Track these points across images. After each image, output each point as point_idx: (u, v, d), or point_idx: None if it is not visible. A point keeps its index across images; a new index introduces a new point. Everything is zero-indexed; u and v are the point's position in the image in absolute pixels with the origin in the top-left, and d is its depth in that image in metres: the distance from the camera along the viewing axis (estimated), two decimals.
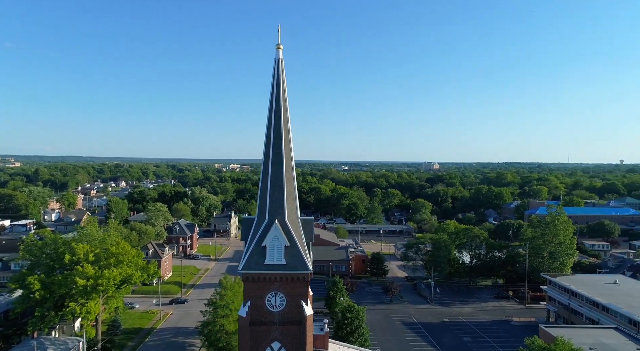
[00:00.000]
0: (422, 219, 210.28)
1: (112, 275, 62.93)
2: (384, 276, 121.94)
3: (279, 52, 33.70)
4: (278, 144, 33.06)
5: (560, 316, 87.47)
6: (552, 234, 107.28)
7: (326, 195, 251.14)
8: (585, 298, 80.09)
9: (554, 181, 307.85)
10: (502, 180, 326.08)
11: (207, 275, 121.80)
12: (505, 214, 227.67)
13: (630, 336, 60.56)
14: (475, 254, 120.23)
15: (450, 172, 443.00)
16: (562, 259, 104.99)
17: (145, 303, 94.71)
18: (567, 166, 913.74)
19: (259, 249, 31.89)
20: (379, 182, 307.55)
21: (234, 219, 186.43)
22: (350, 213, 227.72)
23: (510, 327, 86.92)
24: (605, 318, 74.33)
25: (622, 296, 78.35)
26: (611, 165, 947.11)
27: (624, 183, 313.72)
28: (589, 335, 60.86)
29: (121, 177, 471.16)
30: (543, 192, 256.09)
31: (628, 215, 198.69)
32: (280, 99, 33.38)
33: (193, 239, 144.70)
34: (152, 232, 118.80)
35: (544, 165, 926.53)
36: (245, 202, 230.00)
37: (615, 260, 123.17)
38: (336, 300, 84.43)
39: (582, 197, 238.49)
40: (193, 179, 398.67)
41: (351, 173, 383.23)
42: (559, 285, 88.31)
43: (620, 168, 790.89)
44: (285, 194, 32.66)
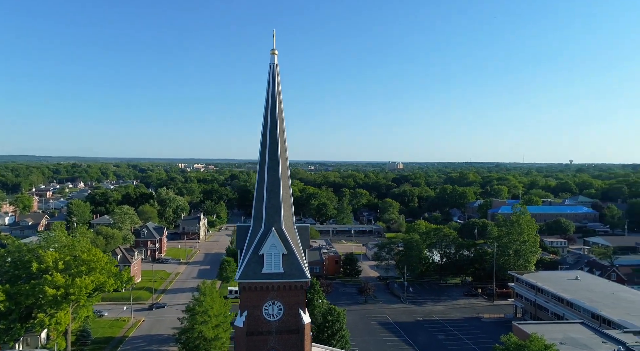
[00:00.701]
0: (391, 219, 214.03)
1: (84, 283, 60.25)
2: (357, 276, 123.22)
3: (274, 58, 33.40)
4: (274, 151, 32.76)
5: (527, 312, 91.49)
6: (517, 233, 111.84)
7: (295, 196, 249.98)
8: (551, 294, 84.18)
9: (512, 181, 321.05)
10: (465, 179, 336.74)
11: (178, 279, 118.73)
12: (469, 213, 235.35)
13: (595, 330, 64.11)
14: (445, 253, 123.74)
15: (415, 172, 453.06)
16: (527, 256, 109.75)
17: (114, 311, 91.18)
18: (522, 166, 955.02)
19: (255, 258, 31.48)
20: (347, 182, 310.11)
21: (203, 221, 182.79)
22: (320, 213, 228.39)
23: (481, 324, 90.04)
24: (570, 312, 78.45)
25: (584, 292, 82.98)
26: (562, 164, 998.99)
27: (575, 182, 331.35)
28: (558, 330, 63.92)
29: (79, 178, 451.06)
30: (503, 191, 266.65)
31: (581, 213, 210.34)
32: (275, 106, 33.08)
33: (162, 242, 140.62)
34: (119, 236, 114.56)
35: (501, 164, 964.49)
36: (213, 203, 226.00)
37: (573, 256, 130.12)
38: (314, 303, 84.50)
39: (539, 196, 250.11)
40: (157, 180, 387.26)
41: (319, 173, 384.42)
42: (526, 282, 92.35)
43: (570, 167, 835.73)
44: (281, 201, 32.42)
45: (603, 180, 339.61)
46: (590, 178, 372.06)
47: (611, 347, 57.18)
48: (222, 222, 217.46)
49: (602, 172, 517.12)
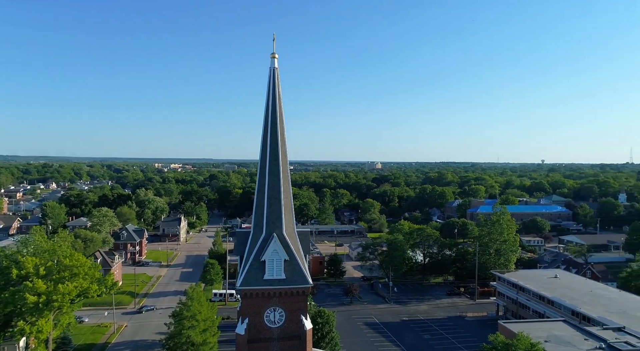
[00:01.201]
0: (372, 219, 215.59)
1: (67, 289, 58.37)
2: (341, 277, 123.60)
3: (274, 61, 33.05)
4: (275, 155, 32.44)
5: (509, 310, 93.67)
6: (498, 232, 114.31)
7: None
8: (532, 292, 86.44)
9: (489, 180, 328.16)
10: (443, 179, 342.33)
11: (159, 282, 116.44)
12: (448, 212, 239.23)
13: (577, 327, 66.14)
14: (428, 253, 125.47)
15: (394, 172, 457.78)
16: (507, 256, 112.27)
17: (95, 316, 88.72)
18: (497, 165, 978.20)
19: (257, 264, 31.10)
20: (328, 182, 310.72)
21: (184, 222, 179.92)
22: (302, 214, 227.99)
23: (465, 323, 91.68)
24: (551, 310, 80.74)
25: (564, 290, 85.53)
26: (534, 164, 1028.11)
27: (548, 182, 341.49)
28: (542, 328, 65.66)
29: (51, 178, 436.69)
30: (481, 191, 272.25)
31: (556, 212, 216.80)
32: (276, 110, 32.75)
33: (142, 245, 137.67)
34: (98, 239, 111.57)
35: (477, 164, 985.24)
36: (193, 204, 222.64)
37: (550, 254, 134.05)
38: None
39: (514, 196, 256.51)
40: (133, 180, 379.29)
41: (300, 174, 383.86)
42: (508, 281, 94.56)
43: (542, 167, 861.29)
44: (282, 206, 32.11)
45: (574, 180, 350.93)
46: (562, 178, 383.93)
47: (593, 344, 59.14)
48: (203, 223, 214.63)
49: (573, 172, 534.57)
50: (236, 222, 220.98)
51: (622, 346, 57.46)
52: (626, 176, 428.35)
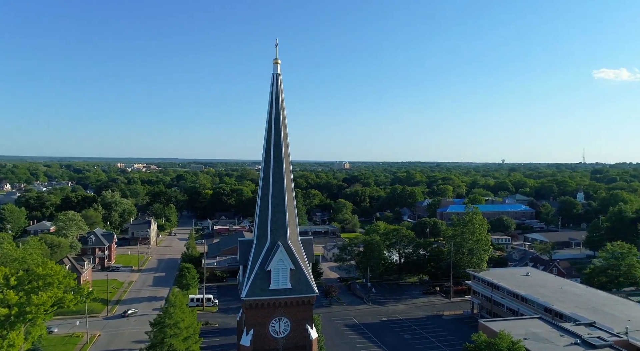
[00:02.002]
0: (345, 219, 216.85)
1: (41, 300, 55.36)
2: (319, 278, 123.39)
3: (277, 67, 32.53)
4: (279, 163, 31.97)
5: (483, 308, 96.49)
6: (470, 232, 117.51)
7: (248, 197, 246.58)
8: (506, 290, 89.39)
9: (456, 180, 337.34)
10: (412, 179, 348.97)
11: (131, 288, 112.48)
12: (418, 212, 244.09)
13: (552, 324, 68.92)
14: (403, 253, 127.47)
15: (364, 172, 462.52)
16: (480, 255, 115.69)
17: (65, 326, 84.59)
18: (461, 165, 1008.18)
19: (262, 274, 30.55)
20: (299, 182, 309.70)
21: (154, 225, 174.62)
22: None
23: (442, 321, 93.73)
24: (524, 307, 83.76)
25: (536, 287, 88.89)
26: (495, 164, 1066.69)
27: (511, 181, 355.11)
28: (520, 326, 67.93)
29: (5, 179, 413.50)
30: (449, 190, 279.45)
31: (520, 210, 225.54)
32: (280, 117, 32.29)
33: (111, 249, 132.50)
34: (66, 244, 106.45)
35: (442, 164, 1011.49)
36: (161, 206, 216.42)
37: (519, 252, 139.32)
38: None
39: (480, 195, 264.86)
40: (95, 181, 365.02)
41: None
42: (483, 280, 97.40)
43: (503, 167, 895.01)
44: (287, 215, 31.71)
45: (535, 180, 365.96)
46: (523, 177, 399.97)
47: (569, 340, 61.76)
48: (173, 226, 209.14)
49: (532, 172, 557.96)
50: (207, 224, 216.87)
51: (595, 342, 60.32)
52: (581, 175, 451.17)
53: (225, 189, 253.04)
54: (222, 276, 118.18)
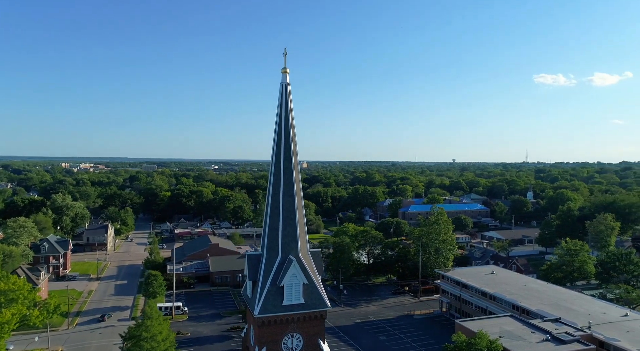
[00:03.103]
0: (308, 220, 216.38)
1: (5, 318, 50.96)
2: None
3: (286, 77, 31.73)
4: (289, 175, 31.22)
5: (452, 307, 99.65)
6: (436, 232, 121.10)
7: (208, 199, 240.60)
8: (475, 289, 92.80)
9: (414, 180, 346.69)
10: (371, 179, 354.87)
11: (92, 298, 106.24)
12: (379, 212, 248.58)
13: (523, 321, 72.23)
14: (372, 254, 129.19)
15: (324, 172, 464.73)
16: (446, 254, 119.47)
17: (22, 342, 78.20)
18: (414, 164, 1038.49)
19: (274, 289, 29.72)
20: (260, 182, 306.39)
21: (111, 230, 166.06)
22: (236, 216, 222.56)
23: (414, 321, 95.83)
24: (493, 305, 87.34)
25: (502, 285, 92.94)
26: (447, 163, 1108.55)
27: (464, 181, 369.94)
28: (493, 324, 70.69)
29: None
30: (408, 190, 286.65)
31: (476, 209, 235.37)
32: (289, 128, 31.53)
33: (67, 257, 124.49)
34: (17, 253, 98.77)
35: (396, 163, 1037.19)
36: (117, 209, 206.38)
37: (479, 251, 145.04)
38: None
39: (437, 194, 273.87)
40: (40, 182, 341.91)
41: (230, 175, 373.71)
42: (451, 279, 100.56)
43: (454, 166, 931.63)
44: (298, 228, 31.04)
45: (486, 179, 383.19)
46: (475, 177, 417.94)
47: (540, 337, 65.01)
48: (130, 229, 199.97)
49: (482, 171, 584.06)
50: (167, 227, 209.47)
51: (564, 337, 63.92)
52: (526, 174, 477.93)
53: (184, 190, 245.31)
54: (190, 282, 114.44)
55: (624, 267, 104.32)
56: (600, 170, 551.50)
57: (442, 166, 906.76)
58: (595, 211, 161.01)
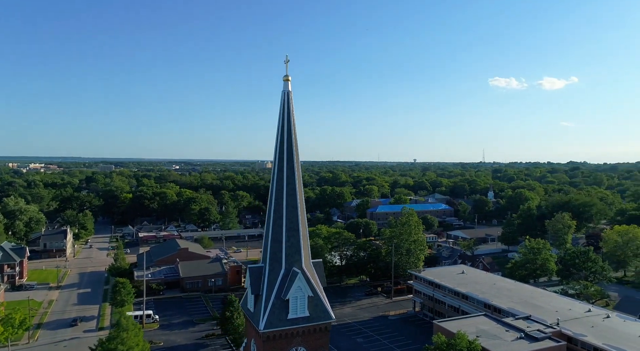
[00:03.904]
0: None
1: None
2: None
3: (288, 84, 30.96)
4: (292, 186, 30.44)
5: (425, 306, 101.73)
6: (408, 233, 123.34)
7: (172, 200, 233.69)
8: (448, 289, 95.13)
9: (379, 180, 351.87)
10: (338, 179, 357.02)
11: (53, 309, 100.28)
12: (347, 212, 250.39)
13: (497, 320, 74.64)
14: (344, 255, 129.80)
15: None
16: (417, 254, 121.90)
17: None
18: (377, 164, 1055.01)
19: (279, 303, 28.90)
20: (226, 183, 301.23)
21: (70, 235, 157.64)
22: (203, 218, 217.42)
23: (389, 322, 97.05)
24: (465, 304, 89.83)
25: (473, 284, 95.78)
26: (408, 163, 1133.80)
27: (427, 180, 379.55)
28: (469, 324, 72.60)
29: None
30: (374, 190, 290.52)
31: (441, 209, 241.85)
32: (292, 137, 30.78)
33: (23, 265, 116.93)
34: None
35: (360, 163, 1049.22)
36: (75, 213, 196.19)
37: (447, 250, 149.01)
38: (234, 321, 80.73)
39: (403, 194, 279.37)
40: None
41: (194, 176, 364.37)
42: (424, 279, 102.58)
43: (416, 166, 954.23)
44: (301, 239, 30.35)
45: (448, 179, 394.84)
46: (437, 177, 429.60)
47: (514, 335, 67.38)
48: (89, 234, 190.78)
49: (443, 171, 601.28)
50: (129, 230, 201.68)
51: (536, 334, 66.60)
52: (484, 174, 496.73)
53: (147, 192, 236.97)
54: (159, 289, 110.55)
55: (583, 264, 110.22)
56: (552, 170, 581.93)
57: (404, 166, 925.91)
58: (553, 210, 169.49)
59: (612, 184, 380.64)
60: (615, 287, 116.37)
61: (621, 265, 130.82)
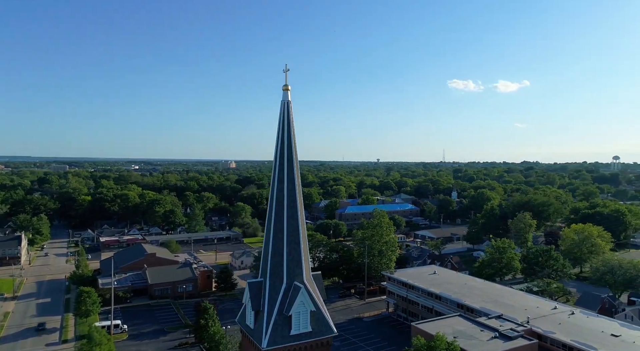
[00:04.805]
0: (245, 223, 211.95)
1: None
2: (232, 290, 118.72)
3: (287, 94, 30.18)
4: (292, 198, 29.71)
5: (399, 307, 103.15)
6: (379, 234, 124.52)
7: (134, 203, 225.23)
8: (421, 289, 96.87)
9: (345, 180, 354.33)
10: (305, 180, 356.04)
11: (9, 322, 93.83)
12: (315, 213, 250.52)
13: (471, 320, 76.64)
14: (317, 257, 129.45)
15: (254, 172, 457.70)
16: (389, 255, 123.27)
17: None
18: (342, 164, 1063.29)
19: (281, 319, 28.14)
20: (190, 184, 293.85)
21: (25, 241, 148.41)
22: (168, 221, 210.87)
23: (364, 324, 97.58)
24: (439, 304, 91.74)
25: (445, 284, 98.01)
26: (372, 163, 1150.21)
27: (393, 181, 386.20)
28: (446, 325, 74.14)
29: None
30: (342, 191, 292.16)
31: (408, 209, 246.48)
32: (292, 149, 30.06)
33: None
34: None
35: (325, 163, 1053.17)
36: (28, 217, 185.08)
37: (416, 250, 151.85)
38: (209, 329, 78.58)
39: (369, 195, 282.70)
40: None
41: (157, 176, 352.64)
42: (398, 280, 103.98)
43: (379, 166, 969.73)
44: (302, 252, 29.69)
45: (412, 179, 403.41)
46: (401, 177, 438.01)
47: (489, 334, 69.43)
48: (45, 239, 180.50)
49: (407, 171, 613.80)
50: (89, 235, 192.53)
51: (510, 333, 68.91)
52: (446, 174, 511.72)
53: (107, 194, 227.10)
54: (126, 297, 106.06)
55: (546, 262, 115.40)
56: (508, 170, 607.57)
57: (369, 166, 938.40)
58: (515, 210, 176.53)
59: (563, 183, 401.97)
60: (574, 283, 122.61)
61: (578, 262, 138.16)
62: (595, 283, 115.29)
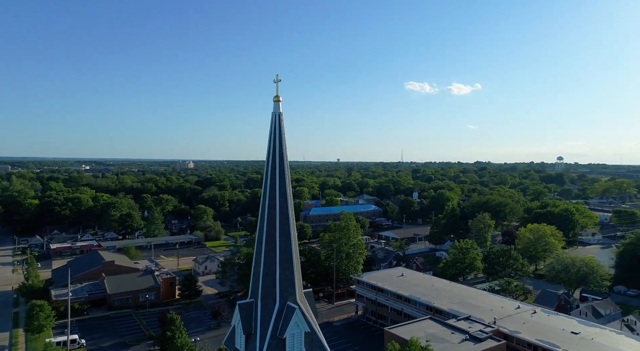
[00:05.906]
0: (207, 226, 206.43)
1: None
2: (197, 297, 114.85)
3: (279, 106, 28.80)
4: (285, 213, 28.34)
5: (368, 310, 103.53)
6: (347, 237, 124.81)
7: (88, 206, 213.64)
8: (390, 292, 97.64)
9: (308, 181, 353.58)
10: None
11: None
12: None
13: (442, 322, 77.85)
14: None
15: (214, 173, 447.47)
16: (357, 258, 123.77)
17: None
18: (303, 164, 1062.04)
19: (275, 342, 26.74)
20: (148, 186, 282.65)
21: None
22: (124, 225, 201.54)
23: (335, 328, 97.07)
24: (408, 307, 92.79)
25: (413, 286, 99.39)
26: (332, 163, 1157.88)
27: (355, 181, 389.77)
28: (418, 328, 74.82)
29: None
30: (305, 192, 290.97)
31: (371, 210, 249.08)
32: (284, 162, 28.69)
33: None
34: None
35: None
36: None
37: (382, 251, 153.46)
38: (176, 341, 75.35)
39: (332, 195, 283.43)
40: None
41: (111, 177, 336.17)
42: (367, 284, 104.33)
43: (340, 166, 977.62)
44: (295, 270, 28.42)
45: (374, 180, 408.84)
46: (362, 177, 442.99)
47: (460, 337, 70.75)
48: None
49: (367, 171, 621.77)
50: (37, 241, 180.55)
51: (479, 335, 70.59)
52: (405, 174, 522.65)
53: (57, 197, 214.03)
54: (82, 308, 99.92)
55: (506, 262, 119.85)
56: (463, 170, 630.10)
57: (329, 165, 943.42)
58: (474, 210, 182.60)
59: (514, 183, 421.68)
60: (531, 281, 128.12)
61: (533, 260, 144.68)
62: (551, 281, 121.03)
